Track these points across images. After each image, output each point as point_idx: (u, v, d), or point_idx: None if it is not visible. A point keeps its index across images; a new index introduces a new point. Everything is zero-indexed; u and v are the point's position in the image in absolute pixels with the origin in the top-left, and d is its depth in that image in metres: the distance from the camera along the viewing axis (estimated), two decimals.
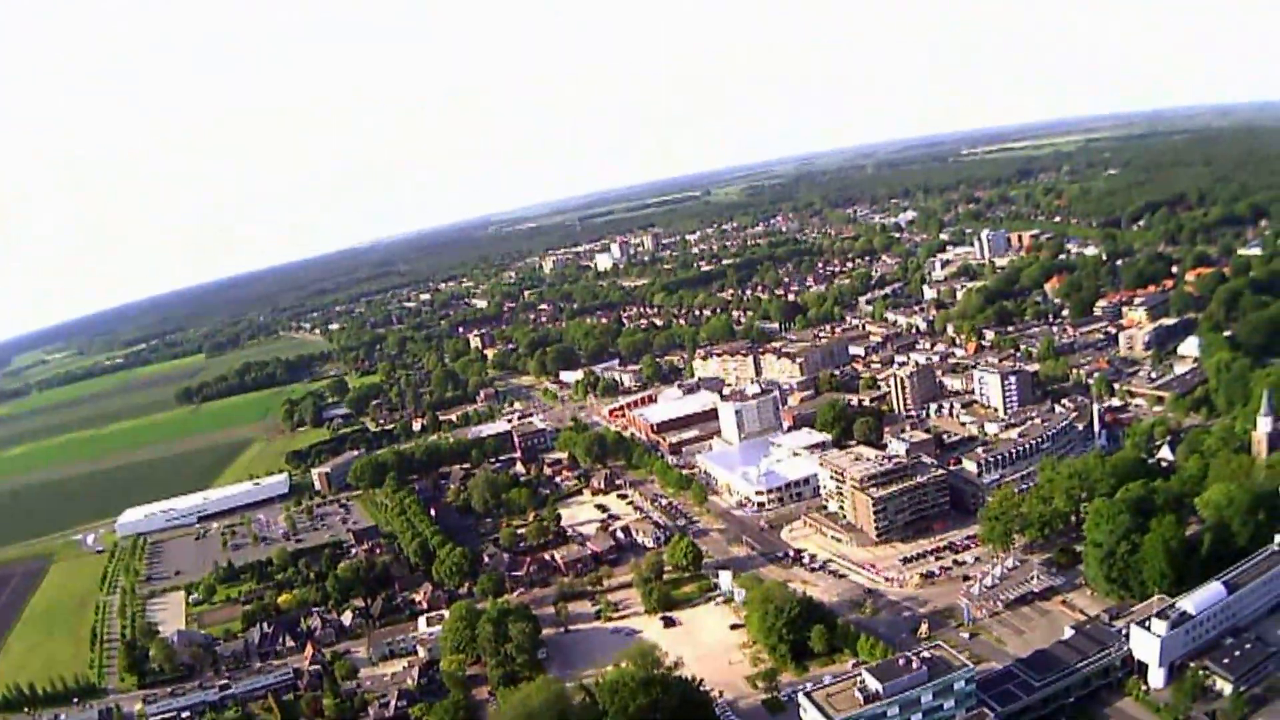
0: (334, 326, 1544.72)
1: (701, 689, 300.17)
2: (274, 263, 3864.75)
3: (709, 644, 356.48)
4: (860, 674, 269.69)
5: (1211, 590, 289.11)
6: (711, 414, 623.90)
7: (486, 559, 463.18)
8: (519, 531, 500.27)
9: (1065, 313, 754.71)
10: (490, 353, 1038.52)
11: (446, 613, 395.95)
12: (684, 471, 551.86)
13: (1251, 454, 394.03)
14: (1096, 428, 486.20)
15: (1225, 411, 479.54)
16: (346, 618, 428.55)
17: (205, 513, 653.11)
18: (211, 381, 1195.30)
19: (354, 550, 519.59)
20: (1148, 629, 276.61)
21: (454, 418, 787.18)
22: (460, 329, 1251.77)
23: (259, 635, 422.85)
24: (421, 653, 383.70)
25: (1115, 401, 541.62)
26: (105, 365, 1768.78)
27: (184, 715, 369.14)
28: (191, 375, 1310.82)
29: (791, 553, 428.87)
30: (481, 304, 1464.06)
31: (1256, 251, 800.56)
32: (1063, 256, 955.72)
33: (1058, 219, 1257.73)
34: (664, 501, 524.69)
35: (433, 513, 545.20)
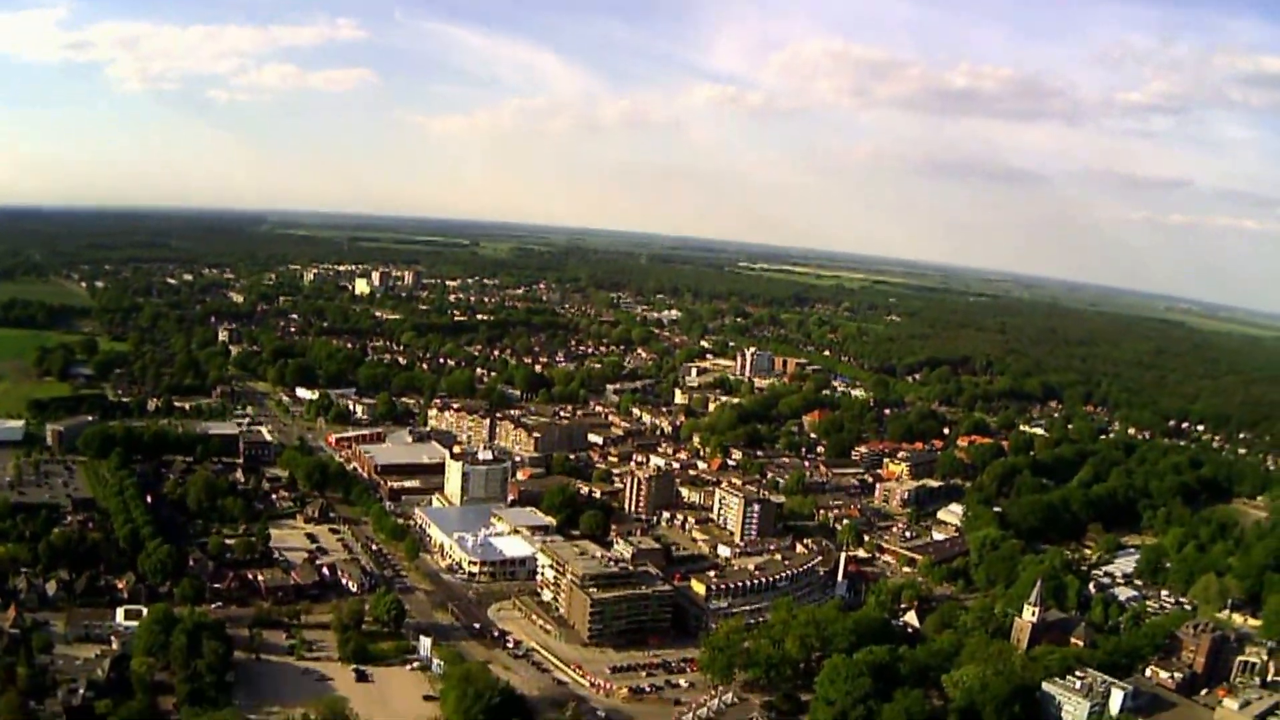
0: (99, 284, 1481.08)
1: None
2: (65, 203, 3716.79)
3: (399, 711, 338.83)
4: None
5: None
6: (438, 468, 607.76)
7: (192, 562, 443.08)
8: (227, 542, 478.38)
9: (820, 450, 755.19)
10: (235, 350, 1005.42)
11: (145, 610, 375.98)
12: (400, 521, 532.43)
13: (1011, 640, 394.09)
14: (839, 577, 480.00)
15: (983, 589, 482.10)
16: (51, 587, 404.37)
17: None
18: None
19: (69, 519, 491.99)
20: None
21: (187, 406, 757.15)
22: (213, 319, 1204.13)
23: None
24: (115, 645, 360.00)
25: (862, 553, 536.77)
26: None
27: None
28: None
29: (496, 632, 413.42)
30: (238, 299, 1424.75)
31: (1040, 432, 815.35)
32: (827, 392, 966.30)
33: (828, 353, 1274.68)
34: (375, 547, 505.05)
35: (149, 500, 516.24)
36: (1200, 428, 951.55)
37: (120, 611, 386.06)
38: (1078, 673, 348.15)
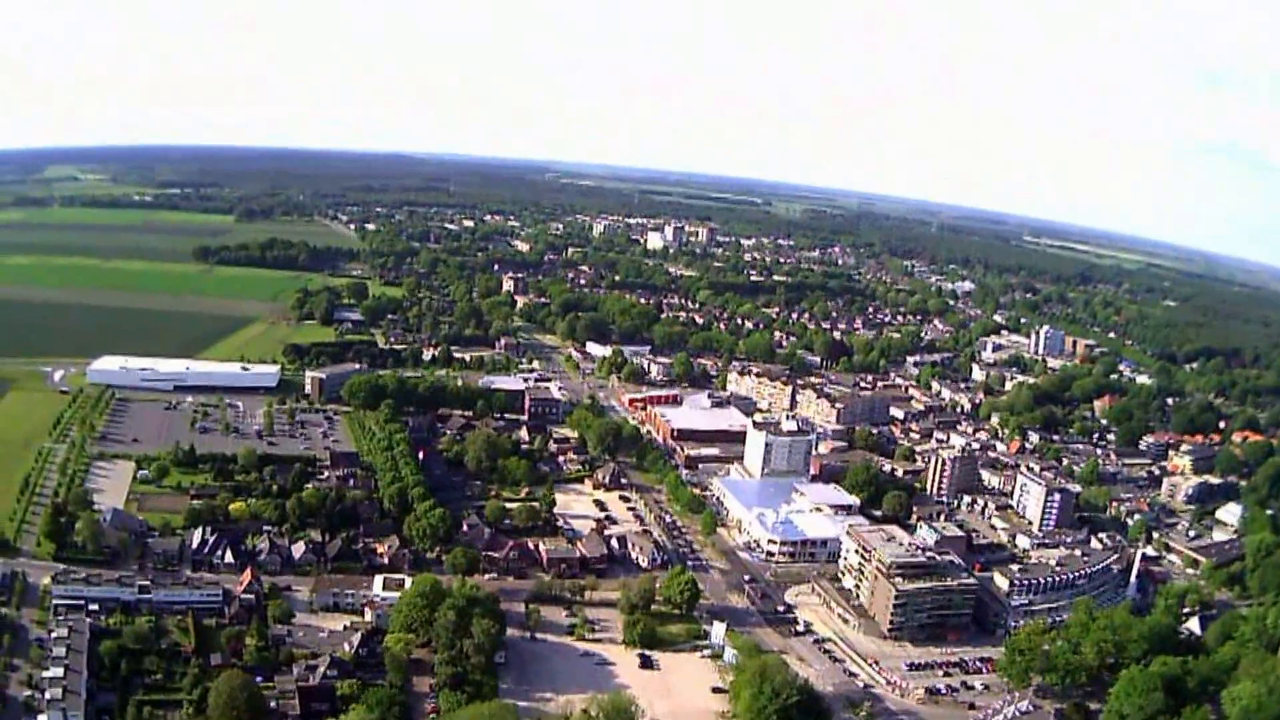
0: (370, 227, 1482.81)
1: None
2: (326, 146, 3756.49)
3: (685, 704, 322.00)
4: None
5: None
6: (737, 435, 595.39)
7: (466, 528, 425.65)
8: (508, 506, 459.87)
9: (1111, 437, 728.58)
10: (521, 301, 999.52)
11: (408, 580, 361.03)
12: (697, 491, 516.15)
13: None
14: (1133, 577, 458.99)
15: (1257, 595, 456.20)
16: (298, 549, 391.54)
17: (184, 383, 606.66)
18: (233, 247, 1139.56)
19: (326, 474, 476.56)
20: None
21: (467, 358, 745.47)
22: (496, 267, 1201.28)
23: (198, 540, 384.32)
24: (369, 616, 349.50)
25: (1150, 550, 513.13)
26: (134, 199, 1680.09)
27: (91, 608, 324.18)
28: (215, 235, 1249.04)
29: (784, 611, 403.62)
30: (523, 248, 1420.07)
31: None
32: (1114, 376, 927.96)
33: (1112, 335, 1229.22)
34: (668, 519, 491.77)
35: (421, 457, 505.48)
36: None
37: (379, 580, 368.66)
38: None
